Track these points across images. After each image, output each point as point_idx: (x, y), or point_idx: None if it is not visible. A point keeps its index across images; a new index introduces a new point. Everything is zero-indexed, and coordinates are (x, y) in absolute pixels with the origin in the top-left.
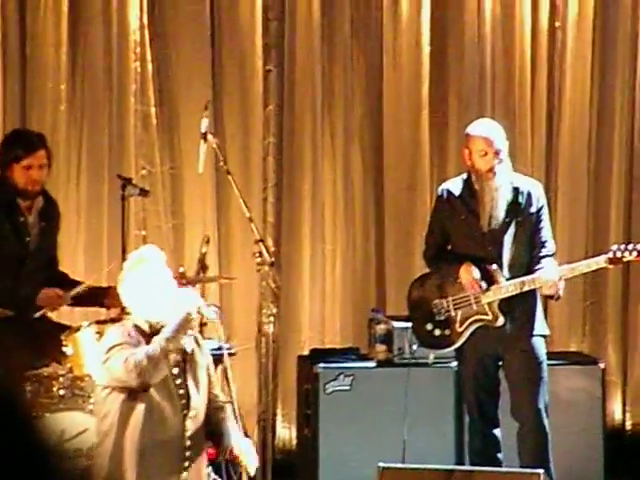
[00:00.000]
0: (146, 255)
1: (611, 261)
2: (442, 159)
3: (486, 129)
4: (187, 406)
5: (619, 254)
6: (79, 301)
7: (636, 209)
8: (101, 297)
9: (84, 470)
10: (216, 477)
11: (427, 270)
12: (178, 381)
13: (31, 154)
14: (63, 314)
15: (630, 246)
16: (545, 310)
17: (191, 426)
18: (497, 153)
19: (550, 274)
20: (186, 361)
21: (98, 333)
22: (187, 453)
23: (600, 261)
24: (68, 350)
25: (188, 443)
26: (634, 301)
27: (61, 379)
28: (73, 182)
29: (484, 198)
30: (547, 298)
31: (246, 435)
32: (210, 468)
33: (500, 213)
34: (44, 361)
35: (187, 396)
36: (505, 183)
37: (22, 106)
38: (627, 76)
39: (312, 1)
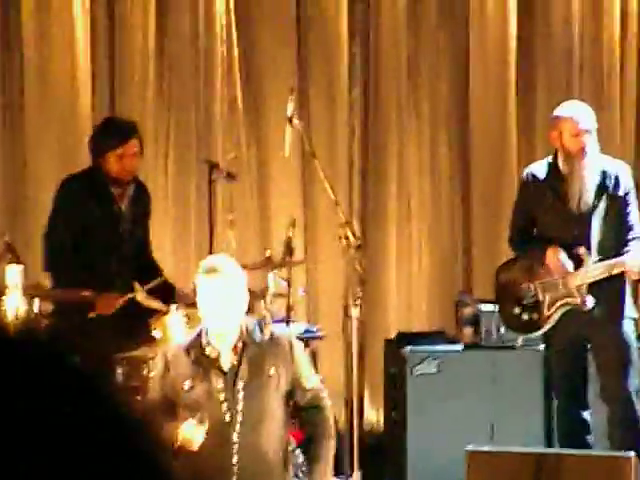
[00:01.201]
0: (217, 265)
1: None
2: (529, 143)
3: (577, 110)
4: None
5: None
6: (154, 294)
7: None
8: (168, 294)
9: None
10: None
11: (513, 255)
12: None
13: (124, 143)
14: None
15: None
16: (635, 293)
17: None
18: (588, 132)
19: (636, 256)
20: None
21: (186, 316)
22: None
23: None
24: (157, 333)
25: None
26: None
27: (150, 362)
28: (161, 167)
29: (574, 180)
30: (637, 282)
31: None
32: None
33: (590, 194)
34: (134, 345)
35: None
36: (595, 164)
37: (111, 93)
38: None
39: None
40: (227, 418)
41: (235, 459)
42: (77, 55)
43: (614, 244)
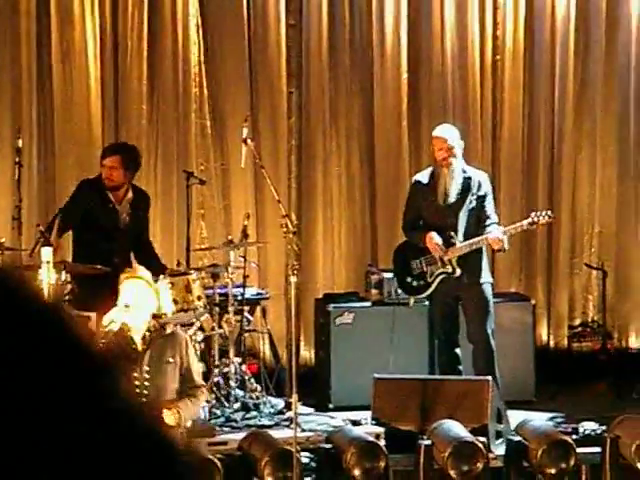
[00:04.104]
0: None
1: (530, 224)
2: (417, 155)
3: (444, 131)
4: None
5: (536, 219)
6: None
7: (556, 186)
8: (160, 268)
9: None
10: (257, 386)
11: (405, 238)
12: None
13: (103, 158)
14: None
15: (543, 212)
16: (492, 262)
17: None
18: (450, 148)
19: (495, 233)
20: None
21: (171, 283)
22: None
23: (524, 224)
24: None
25: None
26: (555, 254)
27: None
28: (152, 175)
29: (440, 183)
30: (496, 252)
31: (277, 357)
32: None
33: (452, 192)
34: None
35: None
36: (457, 171)
37: (116, 121)
38: (548, 98)
39: (322, 43)
40: (137, 390)
41: None
42: (91, 94)
43: (475, 229)
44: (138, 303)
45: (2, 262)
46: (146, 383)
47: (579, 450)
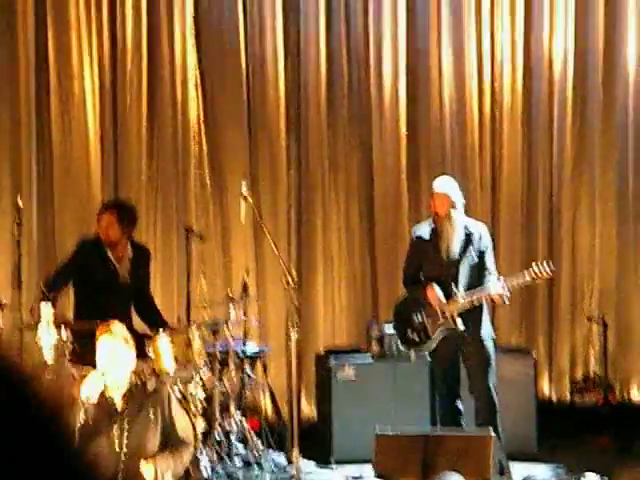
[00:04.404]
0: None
1: (532, 279)
2: (416, 208)
3: (445, 185)
4: None
5: (537, 272)
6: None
7: (556, 237)
8: (160, 324)
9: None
10: (258, 442)
11: (406, 292)
12: None
13: (99, 215)
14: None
15: (544, 265)
16: (493, 315)
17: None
18: (452, 204)
19: (495, 286)
20: None
21: (171, 340)
22: None
23: (526, 279)
24: (150, 353)
25: None
26: (556, 306)
27: (147, 374)
28: (151, 231)
29: (442, 238)
30: (496, 304)
31: (279, 412)
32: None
33: (455, 247)
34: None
35: None
36: (459, 225)
37: (115, 177)
38: (547, 151)
39: (320, 97)
40: (117, 448)
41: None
42: (90, 149)
43: (476, 281)
44: (115, 363)
45: None
46: (125, 441)
47: None
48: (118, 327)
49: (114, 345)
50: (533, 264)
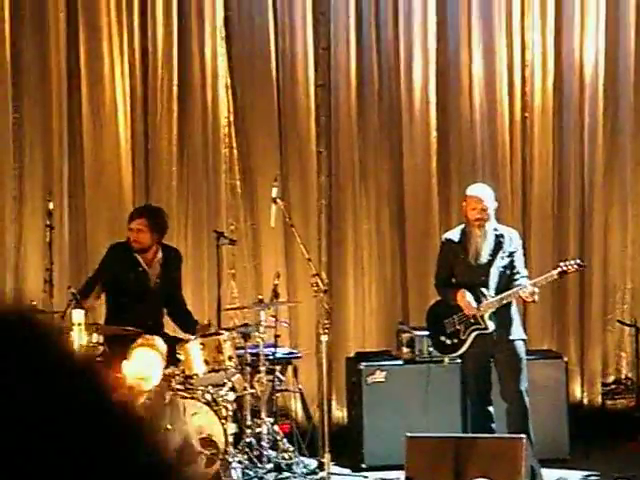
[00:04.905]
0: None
1: (560, 274)
2: (447, 212)
3: (477, 190)
4: None
5: (565, 268)
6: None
7: (587, 241)
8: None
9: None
10: (289, 446)
11: (438, 296)
12: None
13: (130, 221)
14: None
15: (572, 261)
16: (524, 319)
17: None
18: (484, 209)
19: (526, 287)
20: None
21: (202, 344)
22: None
23: (554, 274)
24: (181, 357)
25: None
26: (587, 310)
27: (177, 377)
28: (182, 235)
29: (471, 243)
30: (527, 303)
31: (309, 416)
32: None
33: (484, 252)
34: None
35: None
36: (490, 230)
37: (146, 182)
38: (578, 154)
39: (350, 102)
40: None
41: None
42: (122, 155)
43: (506, 285)
44: (148, 375)
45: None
46: None
47: None
48: (159, 342)
49: (152, 357)
50: (561, 262)
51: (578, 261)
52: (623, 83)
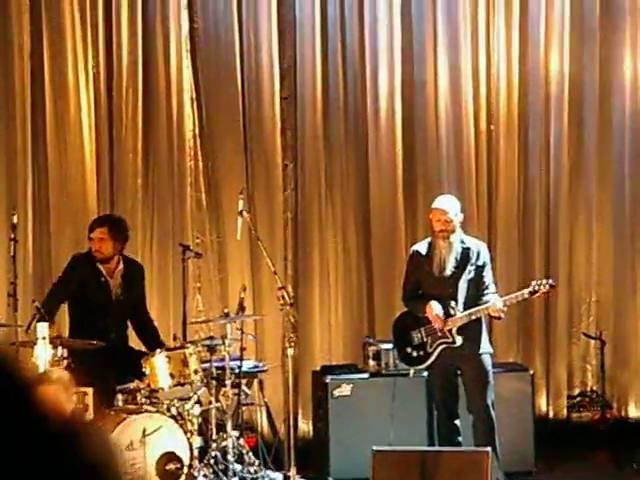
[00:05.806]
0: None
1: (531, 293)
2: (413, 225)
3: (442, 202)
4: None
5: (537, 287)
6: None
7: (553, 254)
8: (156, 342)
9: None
10: (255, 460)
11: (404, 309)
12: None
13: (91, 231)
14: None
15: (544, 281)
16: (490, 332)
17: None
18: (448, 221)
19: (495, 302)
20: None
21: (168, 357)
22: None
23: (525, 293)
24: (146, 371)
25: None
26: (553, 323)
27: (142, 391)
28: (148, 248)
29: (435, 254)
30: (494, 319)
31: (275, 430)
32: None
33: (449, 264)
34: (130, 379)
35: None
36: (456, 242)
37: (111, 195)
38: (543, 165)
39: (316, 115)
40: None
41: None
42: (86, 168)
43: (475, 299)
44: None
45: None
46: None
47: None
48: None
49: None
50: (532, 282)
51: (550, 281)
52: (588, 97)
